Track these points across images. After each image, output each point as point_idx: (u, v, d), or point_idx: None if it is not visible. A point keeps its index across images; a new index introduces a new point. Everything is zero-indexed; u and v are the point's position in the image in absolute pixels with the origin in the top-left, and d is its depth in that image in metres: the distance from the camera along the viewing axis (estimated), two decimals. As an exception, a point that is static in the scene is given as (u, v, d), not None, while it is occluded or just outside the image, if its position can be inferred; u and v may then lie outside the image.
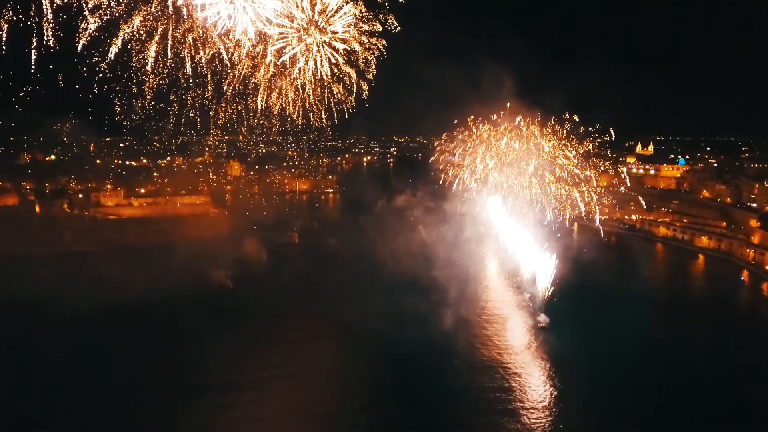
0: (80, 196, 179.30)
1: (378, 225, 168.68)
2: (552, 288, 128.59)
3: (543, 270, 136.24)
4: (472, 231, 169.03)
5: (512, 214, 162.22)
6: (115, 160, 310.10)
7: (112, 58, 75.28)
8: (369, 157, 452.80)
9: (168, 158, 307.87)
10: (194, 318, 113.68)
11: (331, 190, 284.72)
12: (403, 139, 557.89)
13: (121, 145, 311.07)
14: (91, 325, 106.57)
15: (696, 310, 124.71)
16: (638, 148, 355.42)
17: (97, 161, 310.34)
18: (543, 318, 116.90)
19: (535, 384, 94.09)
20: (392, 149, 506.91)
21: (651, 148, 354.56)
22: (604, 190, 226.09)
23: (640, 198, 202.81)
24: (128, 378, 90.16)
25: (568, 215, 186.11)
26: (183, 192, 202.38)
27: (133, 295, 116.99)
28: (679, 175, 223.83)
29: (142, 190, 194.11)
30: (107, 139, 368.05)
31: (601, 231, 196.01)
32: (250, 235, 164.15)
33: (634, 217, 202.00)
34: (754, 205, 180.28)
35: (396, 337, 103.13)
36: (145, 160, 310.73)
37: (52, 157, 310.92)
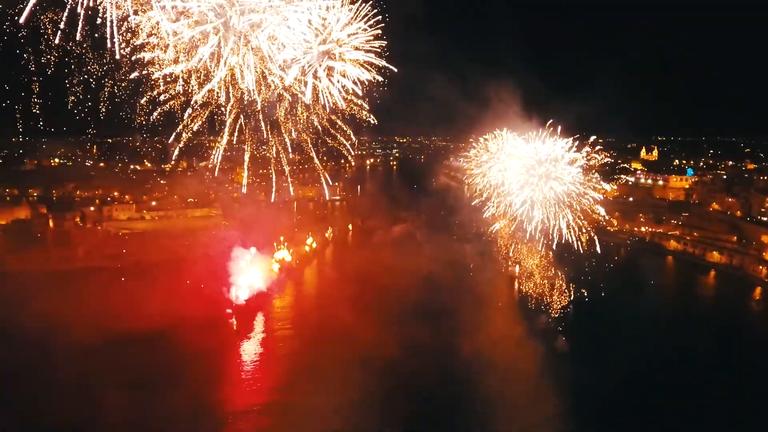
0: (92, 208, 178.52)
1: (386, 245, 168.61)
2: (567, 309, 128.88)
3: (558, 288, 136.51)
4: (482, 248, 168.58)
5: (523, 227, 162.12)
6: (118, 164, 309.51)
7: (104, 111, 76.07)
8: (372, 160, 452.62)
9: (172, 162, 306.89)
10: (207, 338, 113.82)
11: (338, 197, 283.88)
12: (404, 140, 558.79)
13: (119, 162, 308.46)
14: (100, 348, 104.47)
15: (712, 331, 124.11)
16: (642, 153, 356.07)
17: (101, 164, 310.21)
18: (560, 341, 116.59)
19: (553, 407, 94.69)
20: (394, 151, 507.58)
21: (655, 152, 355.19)
22: (612, 200, 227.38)
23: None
24: (136, 407, 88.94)
25: (577, 228, 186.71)
26: (191, 200, 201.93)
27: (144, 316, 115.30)
28: (687, 186, 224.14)
29: (154, 203, 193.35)
30: (110, 141, 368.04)
31: (611, 244, 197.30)
32: (260, 250, 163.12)
33: (643, 229, 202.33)
34: (765, 219, 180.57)
35: (408, 362, 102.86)
36: (149, 164, 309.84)
37: (56, 160, 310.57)
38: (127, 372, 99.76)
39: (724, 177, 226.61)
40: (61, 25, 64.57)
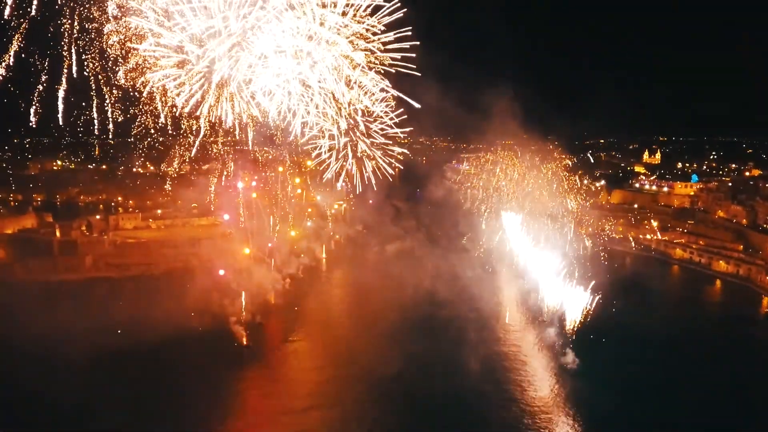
0: (98, 217, 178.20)
1: (388, 257, 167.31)
2: (577, 323, 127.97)
3: (566, 302, 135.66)
4: (486, 258, 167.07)
5: (529, 236, 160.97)
6: (121, 167, 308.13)
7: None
8: (374, 162, 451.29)
9: (175, 165, 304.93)
10: (214, 353, 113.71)
11: (341, 202, 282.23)
12: (405, 141, 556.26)
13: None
14: (101, 364, 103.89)
15: (721, 347, 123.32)
16: (645, 156, 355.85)
17: (103, 166, 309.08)
18: (570, 358, 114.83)
19: (562, 427, 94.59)
20: (396, 152, 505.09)
21: (658, 155, 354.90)
22: (617, 207, 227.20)
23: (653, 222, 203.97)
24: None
25: (582, 236, 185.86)
26: (195, 205, 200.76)
27: (149, 329, 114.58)
28: (692, 193, 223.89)
29: (159, 211, 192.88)
30: (111, 142, 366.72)
31: (616, 252, 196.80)
32: (267, 262, 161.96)
33: (648, 236, 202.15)
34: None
35: (410, 383, 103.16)
36: (151, 167, 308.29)
37: (59, 162, 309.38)
38: (129, 389, 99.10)
39: (730, 184, 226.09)
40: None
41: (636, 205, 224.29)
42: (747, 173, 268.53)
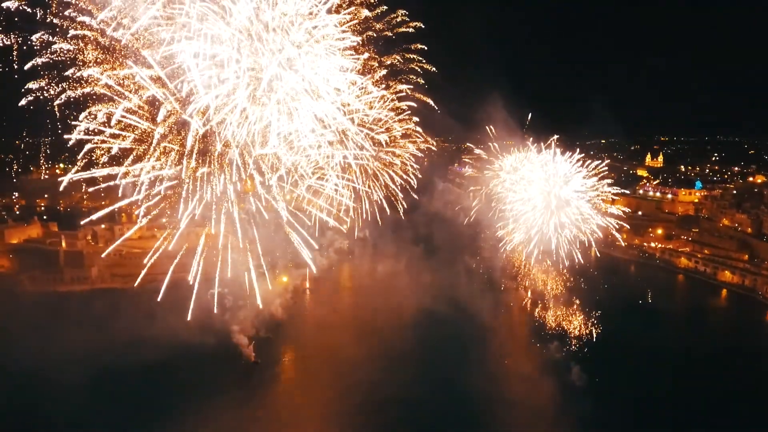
0: (103, 226, 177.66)
1: (390, 269, 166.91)
2: (581, 336, 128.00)
3: (570, 315, 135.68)
4: (488, 272, 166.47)
5: (532, 247, 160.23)
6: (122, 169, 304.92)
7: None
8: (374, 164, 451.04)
9: (177, 168, 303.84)
10: (223, 371, 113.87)
11: (343, 207, 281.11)
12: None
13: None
14: (102, 383, 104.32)
15: (730, 362, 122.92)
16: (648, 159, 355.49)
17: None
18: (576, 373, 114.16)
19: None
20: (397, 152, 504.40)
21: (660, 158, 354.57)
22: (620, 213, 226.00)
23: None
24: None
25: (586, 243, 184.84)
26: (197, 211, 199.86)
27: (153, 349, 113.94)
28: (696, 201, 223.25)
29: (164, 219, 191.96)
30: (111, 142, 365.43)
31: (621, 261, 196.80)
32: (271, 273, 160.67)
33: (653, 245, 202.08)
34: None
35: (414, 397, 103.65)
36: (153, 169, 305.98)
37: (62, 165, 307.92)
38: (131, 404, 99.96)
39: (734, 191, 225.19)
40: None
41: (640, 213, 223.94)
42: (750, 178, 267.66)
